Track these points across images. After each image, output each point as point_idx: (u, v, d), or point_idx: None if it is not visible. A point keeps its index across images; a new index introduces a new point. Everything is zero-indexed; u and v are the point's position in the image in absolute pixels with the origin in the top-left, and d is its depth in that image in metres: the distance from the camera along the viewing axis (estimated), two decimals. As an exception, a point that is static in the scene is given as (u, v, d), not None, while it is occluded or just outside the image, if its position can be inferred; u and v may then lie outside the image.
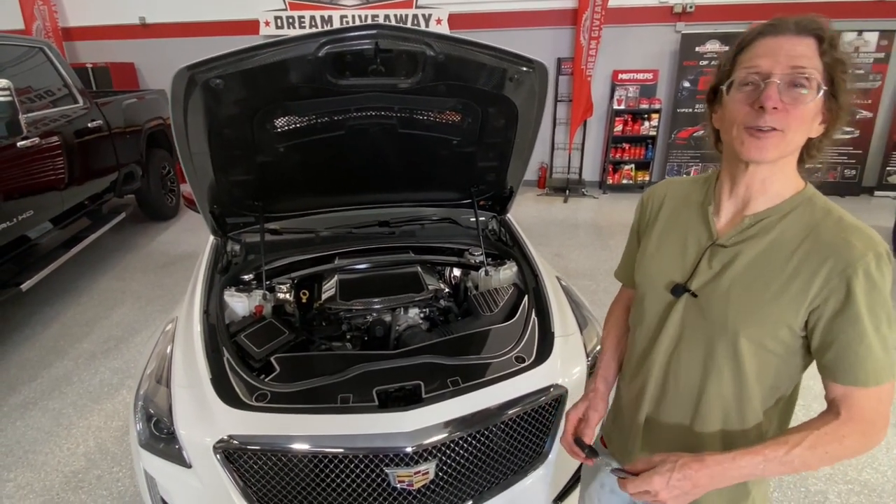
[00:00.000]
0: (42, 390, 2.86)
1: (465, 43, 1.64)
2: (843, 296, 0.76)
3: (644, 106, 6.33)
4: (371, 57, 1.58)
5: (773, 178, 0.84)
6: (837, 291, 0.77)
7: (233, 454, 1.40)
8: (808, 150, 0.84)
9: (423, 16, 6.29)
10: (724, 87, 0.82)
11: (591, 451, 1.02)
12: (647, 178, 6.68)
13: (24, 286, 3.24)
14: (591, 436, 1.04)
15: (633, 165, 6.65)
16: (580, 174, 6.93)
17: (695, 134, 6.42)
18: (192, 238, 5.17)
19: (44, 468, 2.31)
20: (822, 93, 0.76)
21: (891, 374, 0.78)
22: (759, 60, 0.77)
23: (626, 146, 6.57)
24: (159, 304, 3.85)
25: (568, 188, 6.72)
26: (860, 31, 5.83)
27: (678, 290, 0.90)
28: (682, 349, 0.91)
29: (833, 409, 0.81)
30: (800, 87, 0.75)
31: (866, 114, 6.07)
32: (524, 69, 1.74)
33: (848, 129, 6.13)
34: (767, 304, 0.81)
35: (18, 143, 3.28)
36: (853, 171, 6.33)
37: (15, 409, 2.70)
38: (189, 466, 1.44)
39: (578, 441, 1.04)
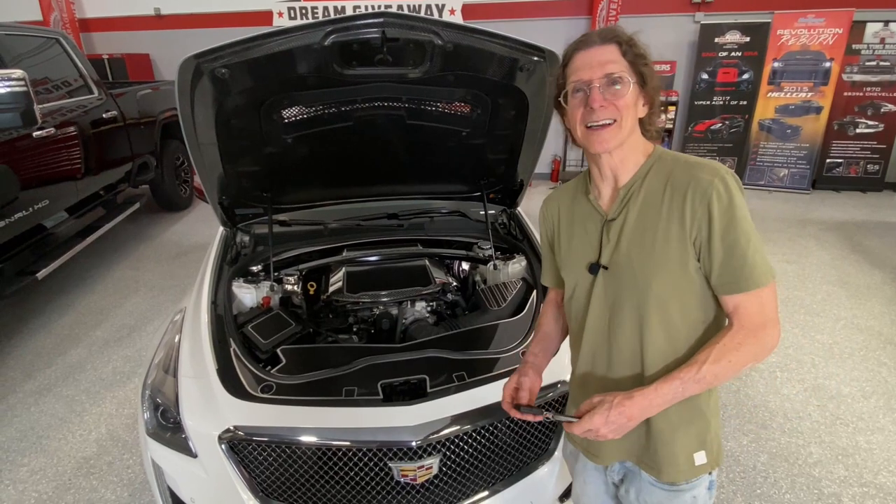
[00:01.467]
0: (56, 377, 2.91)
1: (474, 31, 1.60)
2: (706, 219, 0.91)
3: (661, 98, 6.20)
4: (378, 46, 1.56)
5: (627, 157, 1.01)
6: (702, 218, 0.91)
7: (237, 445, 1.40)
8: (644, 126, 1.03)
9: (437, 6, 6.23)
10: (561, 99, 1.00)
11: (529, 409, 1.09)
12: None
13: (40, 275, 3.28)
14: (527, 398, 1.13)
15: (648, 159, 6.55)
16: (594, 167, 6.83)
17: (712, 127, 6.30)
18: (205, 229, 5.21)
19: (57, 454, 2.35)
20: (632, 85, 0.94)
21: (766, 277, 0.91)
22: (579, 73, 0.95)
23: (642, 139, 6.46)
24: (172, 293, 3.89)
25: (581, 181, 6.63)
26: (886, 22, 5.63)
27: (594, 267, 1.05)
28: (615, 320, 1.03)
29: (729, 322, 0.95)
30: (615, 84, 0.93)
31: (891, 107, 5.87)
32: (535, 58, 1.70)
33: (871, 122, 6.00)
34: (661, 250, 0.95)
35: (34, 134, 3.32)
36: (876, 167, 6.13)
37: (30, 395, 2.75)
38: (195, 456, 1.45)
39: (518, 406, 1.12)
